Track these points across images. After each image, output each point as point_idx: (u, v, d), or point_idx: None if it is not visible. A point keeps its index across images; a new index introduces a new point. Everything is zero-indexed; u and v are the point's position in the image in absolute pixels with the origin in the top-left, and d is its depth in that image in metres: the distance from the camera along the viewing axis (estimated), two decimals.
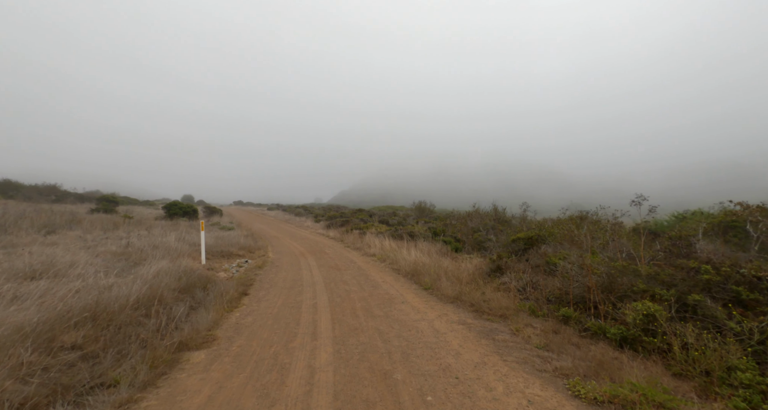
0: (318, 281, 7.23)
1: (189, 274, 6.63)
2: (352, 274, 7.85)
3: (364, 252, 11.17)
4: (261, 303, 5.69)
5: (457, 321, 4.65)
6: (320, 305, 5.51)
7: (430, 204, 29.86)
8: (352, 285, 6.85)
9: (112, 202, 25.54)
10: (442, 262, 8.15)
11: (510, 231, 13.44)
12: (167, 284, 5.71)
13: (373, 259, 9.96)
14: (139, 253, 8.36)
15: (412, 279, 7.32)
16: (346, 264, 9.11)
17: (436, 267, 7.59)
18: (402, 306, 5.39)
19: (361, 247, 11.98)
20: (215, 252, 10.74)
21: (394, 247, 10.86)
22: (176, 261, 7.58)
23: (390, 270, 8.30)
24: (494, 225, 15.51)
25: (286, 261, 9.89)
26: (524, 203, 13.04)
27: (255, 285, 6.87)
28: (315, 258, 10.18)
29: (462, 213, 19.18)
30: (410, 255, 8.82)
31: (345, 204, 61.94)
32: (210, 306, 5.18)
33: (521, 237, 10.49)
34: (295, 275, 7.85)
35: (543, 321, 4.47)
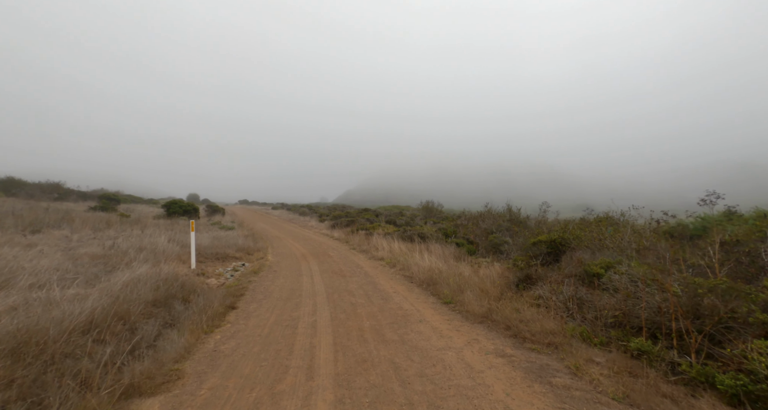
0: (319, 290, 6.22)
1: (170, 282, 5.65)
2: (358, 282, 6.83)
3: (372, 256, 10.15)
4: (250, 319, 4.69)
5: (494, 352, 3.60)
6: (320, 323, 4.50)
7: (437, 204, 28.81)
8: (359, 296, 5.83)
9: (113, 200, 24.82)
10: (460, 269, 7.09)
11: (527, 233, 12.33)
12: (139, 296, 4.73)
13: (382, 264, 8.93)
14: (121, 256, 7.42)
15: (428, 289, 6.28)
16: (351, 270, 8.09)
17: (455, 275, 6.54)
18: (420, 327, 4.36)
19: (367, 250, 10.96)
20: (210, 254, 9.78)
21: (405, 250, 9.82)
22: (160, 265, 6.62)
23: (401, 278, 7.26)
24: (509, 227, 14.48)
25: (285, 265, 8.89)
26: (544, 203, 11.94)
27: (246, 296, 5.87)
28: (317, 262, 9.18)
29: (473, 213, 18.10)
30: (424, 261, 7.77)
31: (350, 203, 61.03)
32: (186, 324, 4.20)
33: (543, 240, 9.40)
34: (294, 282, 6.85)
35: (606, 354, 3.41)
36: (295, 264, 8.89)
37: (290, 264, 8.89)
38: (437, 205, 28.67)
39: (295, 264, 8.89)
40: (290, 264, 9.01)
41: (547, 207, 11.91)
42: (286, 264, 9.03)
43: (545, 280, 6.09)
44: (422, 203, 28.89)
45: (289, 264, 9.02)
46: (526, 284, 6.35)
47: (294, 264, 9.00)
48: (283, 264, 8.93)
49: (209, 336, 4.10)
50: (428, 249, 9.63)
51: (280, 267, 8.63)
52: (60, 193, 28.62)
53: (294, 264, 9.00)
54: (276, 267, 8.52)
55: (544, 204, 11.95)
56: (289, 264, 8.90)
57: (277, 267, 8.52)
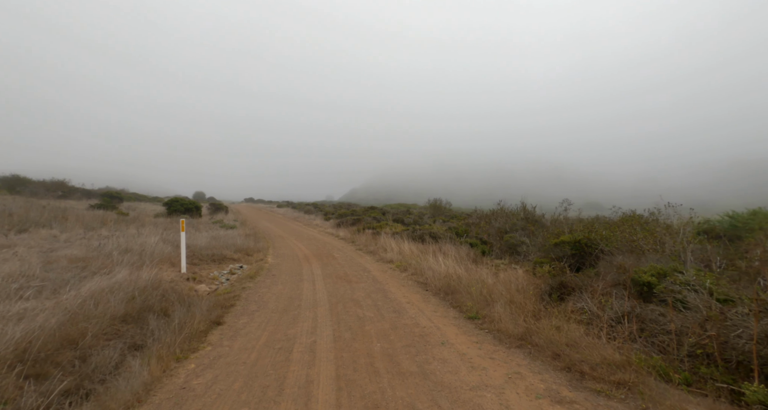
0: (321, 299, 5.37)
1: (149, 291, 4.85)
2: (365, 290, 5.98)
3: (380, 258, 9.28)
4: (236, 340, 3.85)
5: (547, 394, 2.71)
6: (321, 345, 3.65)
7: (445, 202, 27.86)
8: (367, 307, 4.98)
9: (115, 198, 24.28)
10: (481, 274, 6.20)
11: (546, 233, 11.36)
12: (105, 310, 3.92)
13: (391, 267, 8.06)
14: (103, 259, 6.65)
15: (446, 299, 5.39)
16: (358, 274, 7.23)
17: (476, 282, 5.64)
18: (444, 352, 3.49)
19: (375, 251, 10.10)
20: (206, 255, 9.00)
21: (416, 252, 8.94)
22: (144, 270, 5.82)
23: (414, 285, 6.38)
24: (524, 226, 13.52)
25: (286, 268, 8.07)
26: (565, 200, 10.97)
27: (237, 307, 5.04)
28: (321, 265, 8.34)
29: (485, 211, 17.15)
30: (439, 264, 6.88)
31: (356, 201, 60.24)
32: (155, 349, 3.37)
33: (566, 241, 8.47)
34: (294, 289, 6.01)
35: (702, 401, 2.51)
36: (297, 267, 8.05)
37: (291, 267, 8.07)
38: (445, 202, 27.74)
39: (296, 267, 8.06)
40: (291, 266, 8.18)
41: (568, 204, 10.94)
42: (286, 266, 8.21)
43: (585, 290, 5.18)
44: (429, 201, 27.96)
45: (290, 266, 8.19)
46: (560, 293, 5.45)
47: (295, 266, 8.18)
48: (284, 267, 8.10)
49: (181, 364, 3.26)
50: (442, 251, 8.75)
51: (279, 270, 7.81)
52: (64, 190, 28.21)
53: (295, 266, 8.18)
54: (275, 271, 7.69)
55: (564, 201, 10.97)
56: (290, 267, 8.07)
57: (277, 271, 7.69)
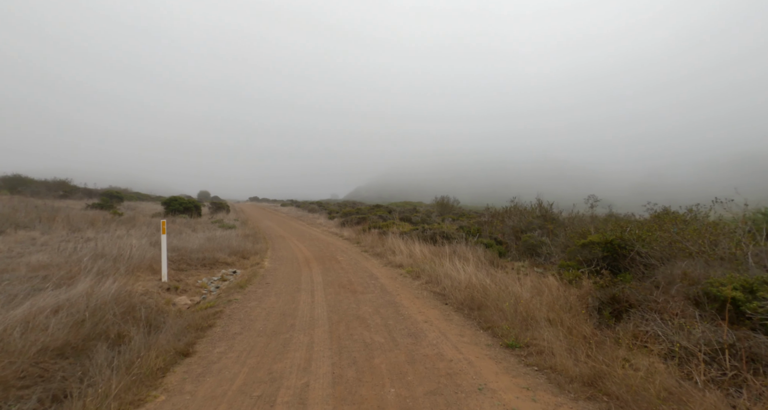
0: (320, 317, 4.38)
1: (109, 309, 3.89)
2: (373, 303, 4.97)
3: (388, 261, 8.26)
4: (202, 382, 2.87)
5: None
6: (314, 394, 2.65)
7: (453, 199, 26.75)
8: (376, 328, 3.97)
9: (115, 198, 23.54)
10: (508, 283, 5.15)
11: (568, 232, 10.27)
12: (34, 341, 2.97)
13: (401, 273, 7.03)
14: (72, 266, 5.71)
15: (471, 316, 4.36)
16: (363, 282, 6.23)
17: (506, 294, 4.61)
18: (484, 404, 2.48)
19: (382, 253, 9.08)
20: (196, 259, 8.06)
21: (428, 255, 7.91)
22: (112, 280, 4.87)
23: (431, 297, 5.35)
24: (542, 224, 12.44)
25: (283, 273, 7.10)
26: (591, 196, 9.85)
27: (216, 328, 4.05)
28: (322, 270, 7.35)
29: (497, 209, 16.04)
30: (458, 271, 5.84)
31: (360, 200, 59.27)
32: (79, 405, 2.40)
33: (596, 242, 7.38)
34: (289, 303, 5.03)
35: None
36: (295, 273, 7.07)
37: (289, 273, 7.09)
38: (452, 200, 26.63)
39: (294, 273, 7.07)
40: (289, 272, 7.20)
41: (595, 200, 9.81)
42: (284, 272, 7.23)
43: (646, 306, 4.12)
44: (436, 199, 26.87)
45: (288, 272, 7.21)
46: (612, 310, 4.40)
47: (293, 272, 7.19)
48: (281, 273, 7.12)
49: None
50: (457, 254, 7.72)
51: (276, 277, 6.83)
52: (66, 190, 27.59)
53: (293, 272, 7.19)
54: (271, 278, 6.72)
55: (590, 197, 9.84)
56: (288, 273, 7.09)
57: (272, 278, 6.71)
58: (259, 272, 7.32)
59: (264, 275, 7.01)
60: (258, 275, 7.01)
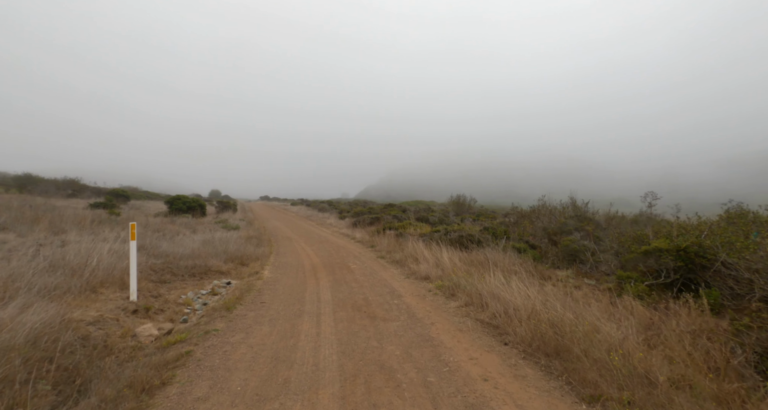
0: (328, 366, 2.98)
1: (11, 355, 2.58)
2: (401, 339, 3.54)
3: (410, 271, 6.82)
4: None
5: None
6: None
7: (470, 198, 25.13)
8: (411, 393, 2.54)
9: (121, 196, 22.68)
10: (577, 309, 3.68)
11: (618, 236, 8.69)
12: None
13: (430, 289, 5.58)
14: (17, 280, 4.45)
15: (551, 370, 2.89)
16: (384, 302, 4.82)
17: (588, 327, 3.14)
18: None
19: (402, 261, 7.64)
20: (184, 268, 6.78)
21: (459, 264, 6.44)
22: (43, 304, 3.57)
23: (478, 329, 3.87)
24: (578, 226, 10.85)
25: (284, 287, 5.74)
26: (649, 193, 8.19)
27: (171, 389, 2.69)
28: (331, 282, 5.97)
29: (524, 209, 14.42)
30: (507, 289, 4.37)
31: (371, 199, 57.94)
32: None
33: (664, 249, 5.85)
34: (285, 336, 3.64)
35: None
36: (298, 287, 5.70)
37: (291, 287, 5.72)
38: (469, 199, 25.01)
39: (297, 287, 5.70)
40: (292, 285, 5.84)
41: (653, 198, 8.16)
42: (285, 285, 5.87)
43: None
44: (451, 197, 25.28)
45: (291, 285, 5.85)
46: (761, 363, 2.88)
47: (297, 285, 5.83)
48: (281, 287, 5.76)
49: None
50: (493, 262, 6.25)
51: (275, 292, 5.47)
52: (74, 189, 26.98)
53: (297, 285, 5.83)
54: (268, 294, 5.35)
55: (649, 194, 8.18)
56: (290, 287, 5.73)
57: (270, 294, 5.35)
58: (256, 285, 5.97)
59: (261, 289, 5.65)
60: (254, 289, 5.66)
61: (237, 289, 5.73)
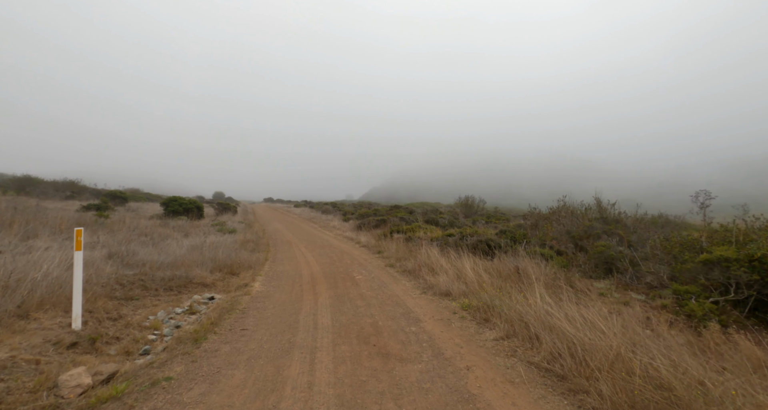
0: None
1: None
2: (427, 400, 2.42)
3: (426, 285, 5.68)
4: None
5: None
6: None
7: (479, 199, 23.92)
8: None
9: (119, 198, 21.79)
10: (673, 355, 2.54)
11: (661, 241, 7.51)
12: None
13: (454, 310, 4.43)
14: None
15: None
16: (399, 330, 3.70)
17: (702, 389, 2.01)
18: None
19: (415, 271, 6.50)
20: (160, 280, 5.71)
21: (484, 276, 5.30)
22: None
23: (537, 379, 2.73)
24: (607, 229, 9.69)
25: (275, 306, 4.64)
26: (701, 191, 7.02)
27: None
28: (333, 299, 4.87)
29: (541, 212, 13.20)
30: (562, 315, 3.23)
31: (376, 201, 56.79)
32: None
33: (732, 258, 4.70)
34: (264, 390, 2.53)
35: None
36: (292, 307, 4.60)
37: (283, 307, 4.62)
38: (478, 200, 23.80)
39: (291, 307, 4.60)
40: (284, 303, 4.74)
41: (707, 198, 6.97)
42: (277, 303, 4.77)
43: None
44: (460, 199, 24.08)
45: (283, 303, 4.75)
46: None
47: (291, 304, 4.73)
48: (271, 306, 4.66)
49: None
50: (534, 278, 5.11)
51: (262, 314, 4.37)
52: (74, 190, 26.20)
53: (291, 304, 4.73)
54: (253, 317, 4.26)
55: (701, 193, 7.00)
56: (282, 307, 4.63)
57: (256, 317, 4.26)
58: (242, 301, 4.87)
59: (246, 308, 4.55)
60: (237, 308, 4.56)
61: (217, 308, 4.64)
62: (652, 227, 11.36)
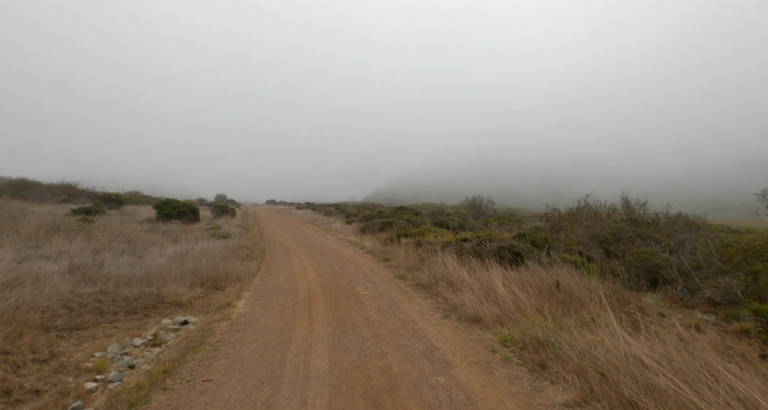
0: None
1: None
2: None
3: (449, 306, 4.56)
4: None
5: None
6: None
7: (487, 200, 22.77)
8: None
9: (114, 201, 20.85)
10: None
11: (733, 251, 6.35)
12: None
13: (494, 348, 3.31)
14: None
15: None
16: (421, 384, 2.59)
17: None
18: None
19: (432, 285, 5.38)
20: (124, 299, 4.66)
21: (518, 293, 4.19)
22: None
23: None
24: (639, 232, 8.64)
25: (258, 337, 3.56)
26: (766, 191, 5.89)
27: None
28: (332, 329, 3.78)
29: (561, 213, 12.04)
30: (651, 351, 2.15)
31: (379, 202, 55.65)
32: None
33: None
34: None
35: None
36: (279, 339, 3.51)
37: (268, 338, 3.54)
38: (486, 201, 22.63)
39: (278, 339, 3.52)
40: (270, 332, 3.66)
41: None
42: (261, 332, 3.69)
43: None
44: (467, 199, 22.92)
45: (269, 332, 3.67)
46: None
47: (278, 334, 3.64)
48: (253, 338, 3.59)
49: None
50: (575, 295, 4.00)
51: (239, 350, 3.29)
52: (70, 194, 25.36)
53: (278, 334, 3.64)
54: (227, 354, 3.18)
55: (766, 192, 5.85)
56: (266, 338, 3.55)
57: (230, 355, 3.18)
58: (217, 331, 3.80)
59: (219, 343, 3.47)
60: (209, 342, 3.49)
61: (183, 341, 3.57)
62: (685, 229, 10.19)
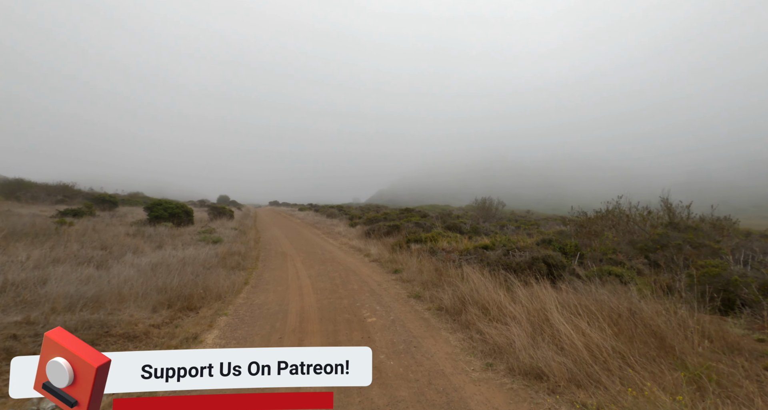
0: None
1: None
2: None
3: (490, 347, 3.33)
4: None
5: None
6: None
7: (497, 201, 21.48)
8: None
9: (107, 202, 19.82)
10: None
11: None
12: None
13: None
14: None
15: None
16: None
17: None
18: None
19: (459, 310, 4.16)
20: (82, 324, 3.50)
21: (586, 330, 2.99)
22: None
23: None
24: (687, 238, 7.35)
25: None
26: None
27: None
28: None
29: (587, 215, 10.77)
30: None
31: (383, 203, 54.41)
32: None
33: None
34: None
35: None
36: None
37: None
38: (497, 203, 21.33)
39: None
40: None
41: None
42: None
43: None
44: (476, 201, 21.65)
45: None
46: None
47: None
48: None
49: None
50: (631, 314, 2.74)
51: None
52: (66, 194, 24.42)
53: None
54: None
55: None
56: None
57: None
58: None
59: None
60: None
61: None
62: (734, 235, 8.93)
